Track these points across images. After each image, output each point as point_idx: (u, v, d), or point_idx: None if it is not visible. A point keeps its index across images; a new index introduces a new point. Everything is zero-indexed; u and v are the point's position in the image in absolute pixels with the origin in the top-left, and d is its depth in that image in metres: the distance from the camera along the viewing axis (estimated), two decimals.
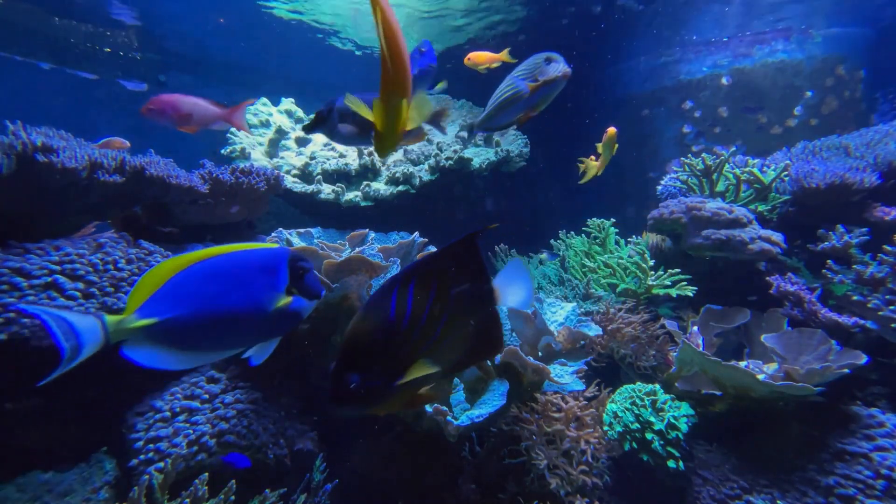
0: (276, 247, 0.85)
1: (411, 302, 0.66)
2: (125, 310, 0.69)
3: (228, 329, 0.80)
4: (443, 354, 0.69)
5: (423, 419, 1.34)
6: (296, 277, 0.84)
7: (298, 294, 0.84)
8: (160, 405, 1.42)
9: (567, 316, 1.53)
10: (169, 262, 0.74)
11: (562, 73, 1.21)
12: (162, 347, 0.74)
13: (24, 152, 1.38)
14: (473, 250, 0.73)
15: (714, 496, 1.55)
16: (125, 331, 0.69)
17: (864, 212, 2.09)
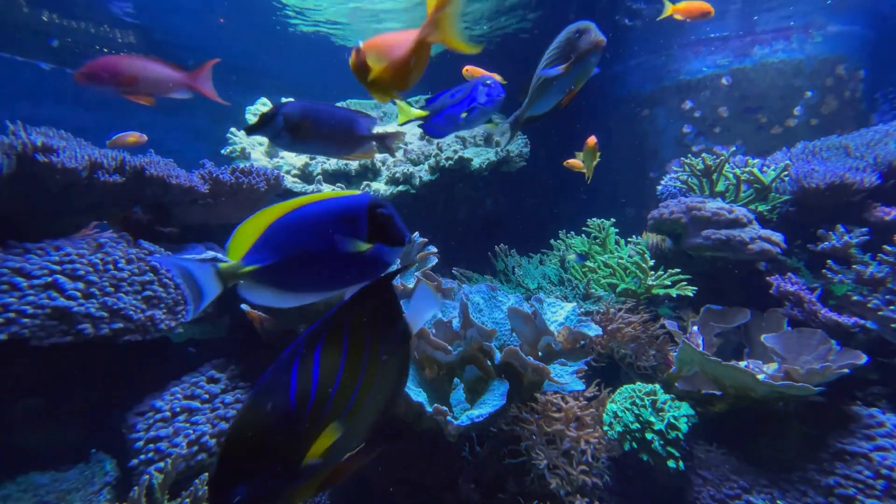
0: (358, 194, 0.84)
1: (317, 375, 0.58)
2: (231, 257, 0.78)
3: (318, 275, 0.84)
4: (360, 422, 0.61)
5: (423, 419, 1.34)
6: (376, 225, 0.82)
7: (380, 242, 0.83)
8: (160, 405, 1.42)
9: (567, 316, 1.53)
10: (265, 212, 0.79)
11: (594, 44, 1.14)
12: (267, 288, 0.82)
13: (24, 152, 1.38)
14: (390, 294, 0.68)
15: (714, 496, 1.55)
16: (235, 276, 0.78)
17: (864, 212, 2.09)
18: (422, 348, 1.35)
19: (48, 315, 1.25)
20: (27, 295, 1.24)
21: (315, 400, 0.56)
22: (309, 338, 0.60)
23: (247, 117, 3.03)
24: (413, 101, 3.78)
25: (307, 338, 0.60)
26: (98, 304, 1.33)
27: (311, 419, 0.56)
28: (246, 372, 1.59)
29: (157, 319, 1.44)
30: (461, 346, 1.37)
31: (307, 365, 0.58)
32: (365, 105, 3.70)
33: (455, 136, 3.10)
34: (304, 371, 0.57)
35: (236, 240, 0.78)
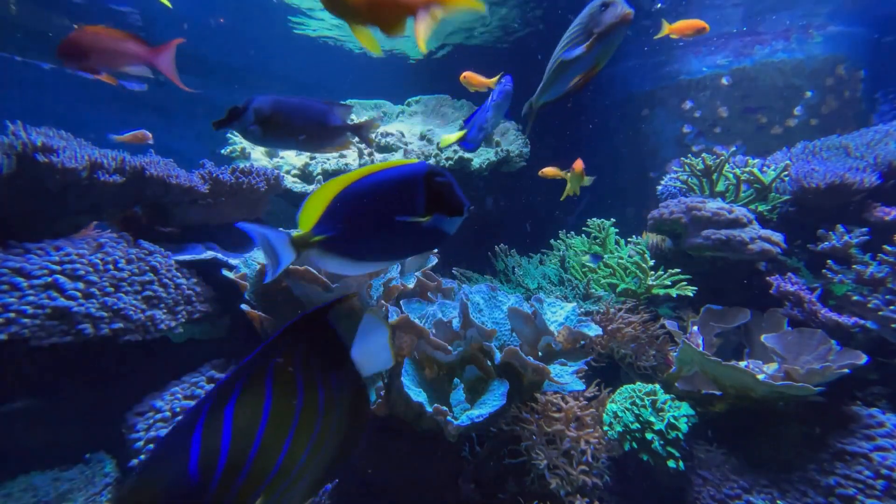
0: (415, 162, 0.84)
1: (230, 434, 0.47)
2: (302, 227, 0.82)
3: (380, 245, 0.85)
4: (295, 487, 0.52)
5: (423, 419, 1.34)
6: (433, 194, 0.82)
7: (438, 211, 0.82)
8: (160, 405, 1.42)
9: (567, 316, 1.53)
10: (330, 183, 0.82)
11: (620, 18, 1.06)
12: (334, 257, 0.84)
13: (25, 152, 1.38)
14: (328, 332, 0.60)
15: (714, 496, 1.55)
16: (305, 244, 0.81)
17: (864, 212, 2.09)
18: (422, 348, 1.35)
19: (48, 315, 1.25)
20: (27, 295, 1.24)
21: (226, 466, 0.46)
22: (219, 390, 0.49)
23: None
24: (413, 100, 3.79)
25: (217, 389, 0.49)
26: (98, 304, 1.33)
27: (221, 491, 0.45)
28: None
29: (157, 319, 1.44)
30: (461, 346, 1.37)
31: (215, 422, 0.47)
32: (365, 105, 3.70)
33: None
34: (211, 430, 0.46)
35: (306, 210, 0.81)
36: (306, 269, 1.42)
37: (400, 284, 1.65)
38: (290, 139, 1.21)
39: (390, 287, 1.61)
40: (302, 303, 1.55)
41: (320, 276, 1.44)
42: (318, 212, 0.81)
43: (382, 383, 1.51)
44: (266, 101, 1.14)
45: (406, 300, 1.57)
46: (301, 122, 1.19)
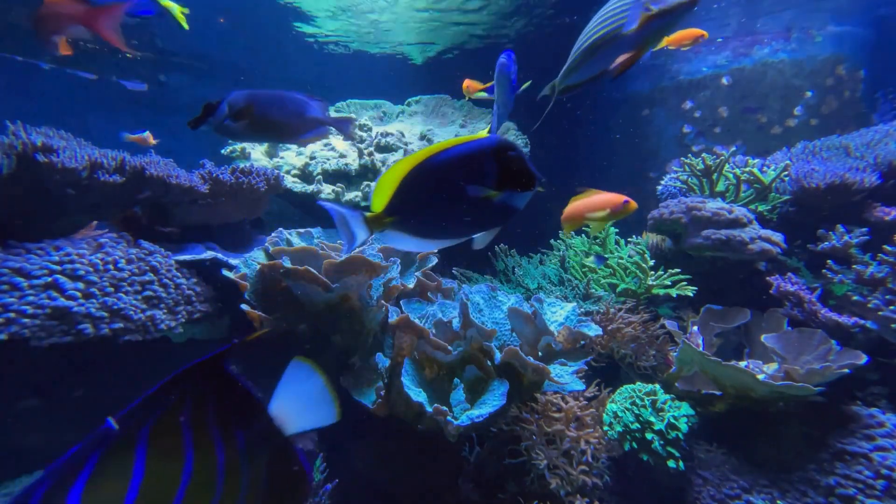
0: (485, 137, 0.82)
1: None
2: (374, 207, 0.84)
3: (451, 223, 0.85)
4: None
5: (423, 419, 1.34)
6: (504, 169, 0.80)
7: (509, 186, 0.81)
8: None
9: (567, 316, 1.53)
10: (401, 162, 0.82)
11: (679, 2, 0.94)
12: (406, 236, 0.85)
13: (25, 152, 1.38)
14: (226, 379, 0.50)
15: (714, 496, 1.55)
16: (378, 223, 0.82)
17: (864, 212, 2.09)
18: (422, 348, 1.35)
19: (48, 315, 1.25)
20: (27, 295, 1.24)
21: None
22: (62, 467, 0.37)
23: None
24: (413, 100, 3.79)
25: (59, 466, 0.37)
26: (98, 304, 1.33)
27: None
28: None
29: (157, 319, 1.44)
30: (461, 346, 1.37)
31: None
32: (365, 105, 3.70)
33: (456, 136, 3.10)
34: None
35: (378, 190, 0.82)
36: (306, 269, 1.42)
37: (400, 284, 1.65)
38: (267, 133, 1.20)
39: (390, 287, 1.61)
40: (302, 303, 1.55)
41: (320, 276, 1.44)
42: (390, 191, 0.82)
43: (382, 383, 1.51)
44: (241, 96, 1.13)
45: (406, 300, 1.57)
46: (278, 115, 1.18)
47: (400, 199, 0.82)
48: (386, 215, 0.82)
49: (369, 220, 0.82)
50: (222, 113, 1.11)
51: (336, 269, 1.47)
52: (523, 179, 0.81)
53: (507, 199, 0.82)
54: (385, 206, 0.82)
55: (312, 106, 1.22)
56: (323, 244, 1.64)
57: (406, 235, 0.85)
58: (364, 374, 1.59)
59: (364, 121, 3.22)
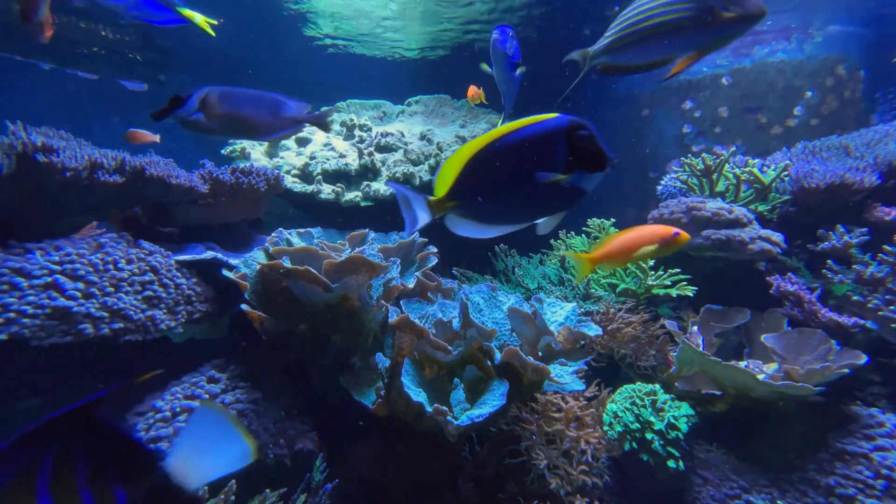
0: (555, 116, 0.78)
1: None
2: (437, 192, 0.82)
3: (515, 208, 0.84)
4: None
5: (423, 419, 1.34)
6: (575, 149, 0.76)
7: (579, 168, 0.77)
8: (160, 405, 1.42)
9: (567, 316, 1.53)
10: (465, 147, 0.80)
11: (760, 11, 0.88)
12: (468, 221, 0.85)
13: (25, 152, 1.38)
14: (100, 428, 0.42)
15: (714, 496, 1.55)
16: (440, 208, 0.82)
17: (864, 212, 2.09)
18: (422, 348, 1.35)
19: (48, 315, 1.25)
20: (27, 295, 1.24)
21: None
22: None
23: None
24: (413, 100, 3.79)
25: None
26: (98, 304, 1.33)
27: None
28: (246, 372, 1.59)
29: (157, 319, 1.44)
30: (461, 346, 1.37)
31: None
32: (365, 105, 3.70)
33: (455, 136, 3.10)
34: None
35: (442, 175, 0.81)
36: (306, 269, 1.42)
37: (400, 284, 1.65)
38: (239, 130, 1.18)
39: (390, 287, 1.61)
40: (302, 303, 1.55)
41: (320, 276, 1.44)
42: (453, 175, 0.80)
43: (382, 383, 1.51)
44: (214, 92, 1.11)
45: (406, 300, 1.56)
46: (251, 113, 1.16)
47: (463, 184, 0.80)
48: (448, 199, 0.81)
49: (432, 203, 0.82)
50: (191, 107, 1.08)
51: (336, 269, 1.47)
52: (594, 160, 0.77)
53: (577, 181, 0.78)
54: (447, 191, 0.81)
55: (289, 105, 1.20)
56: (323, 244, 1.64)
57: (467, 221, 0.84)
58: (364, 374, 1.59)
59: (364, 121, 3.22)
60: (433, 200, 0.82)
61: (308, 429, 1.57)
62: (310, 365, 1.63)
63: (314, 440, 1.55)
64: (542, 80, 3.19)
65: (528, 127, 0.77)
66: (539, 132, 0.77)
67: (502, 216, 0.85)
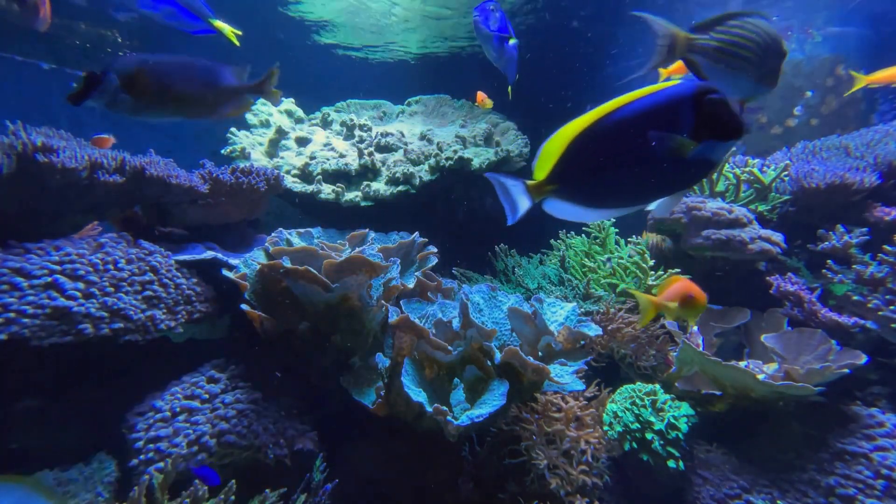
0: (678, 83, 0.72)
1: None
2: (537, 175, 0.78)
3: (628, 187, 0.77)
4: None
5: (423, 419, 1.34)
6: (704, 116, 0.69)
7: (711, 136, 0.69)
8: (160, 405, 1.42)
9: (567, 316, 1.53)
10: (567, 127, 0.75)
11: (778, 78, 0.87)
12: (571, 204, 0.79)
13: (25, 152, 1.38)
14: None
15: (714, 496, 1.55)
16: (540, 192, 0.78)
17: (864, 212, 2.09)
18: (422, 348, 1.35)
19: (48, 315, 1.25)
20: (27, 295, 1.24)
21: None
22: None
23: (247, 117, 3.02)
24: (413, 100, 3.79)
25: None
26: (98, 304, 1.33)
27: None
28: (246, 372, 1.59)
29: (157, 319, 1.44)
30: (461, 346, 1.37)
31: None
32: (365, 105, 3.70)
33: (455, 136, 3.10)
34: None
35: (543, 157, 0.77)
36: (306, 268, 1.42)
37: (400, 284, 1.65)
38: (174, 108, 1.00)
39: (390, 287, 1.61)
40: (302, 303, 1.55)
41: (320, 276, 1.44)
42: (554, 157, 0.76)
43: (382, 383, 1.51)
44: (131, 62, 0.94)
45: (406, 300, 1.57)
46: (182, 84, 1.00)
47: (565, 165, 0.75)
48: (549, 182, 0.77)
49: (531, 188, 0.78)
50: (111, 84, 0.92)
51: (336, 269, 1.47)
52: (728, 127, 0.69)
53: (705, 152, 0.70)
54: (548, 174, 0.77)
55: (226, 73, 1.06)
56: (323, 244, 1.64)
57: (570, 204, 0.79)
58: (364, 374, 1.59)
59: (364, 121, 3.22)
60: (532, 184, 0.77)
61: (308, 429, 1.57)
62: (310, 365, 1.63)
63: (314, 440, 1.55)
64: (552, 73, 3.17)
65: (647, 97, 0.71)
66: (662, 100, 0.71)
67: (614, 197, 0.78)
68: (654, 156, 0.70)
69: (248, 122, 3.01)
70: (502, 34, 1.62)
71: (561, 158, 0.75)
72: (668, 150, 0.69)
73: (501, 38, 1.61)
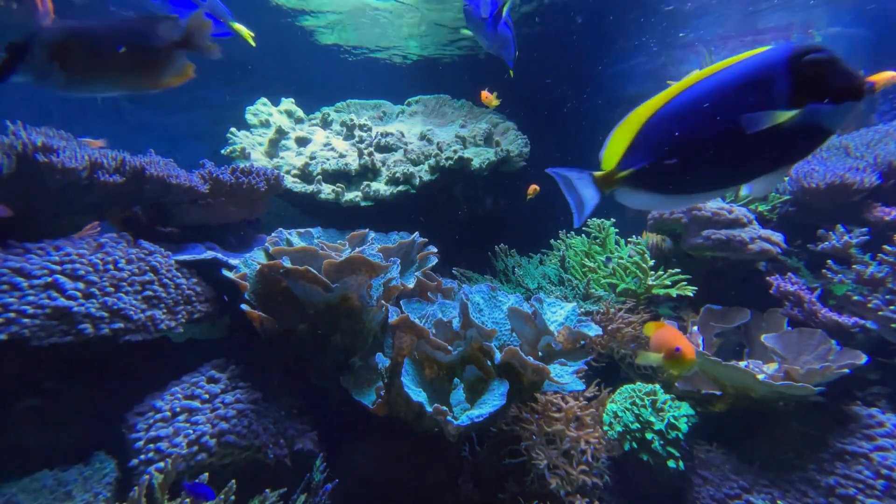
0: (770, 48, 0.65)
1: None
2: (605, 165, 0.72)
3: (716, 168, 0.69)
4: None
5: (423, 419, 1.34)
6: (806, 78, 0.61)
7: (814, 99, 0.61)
8: (160, 405, 1.42)
9: (567, 316, 1.53)
10: (639, 110, 0.69)
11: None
12: (647, 192, 0.72)
13: (25, 152, 1.38)
14: None
15: (714, 496, 1.55)
16: (609, 183, 0.71)
17: (864, 212, 2.09)
18: (422, 348, 1.35)
19: (48, 315, 1.25)
20: (27, 295, 1.24)
21: None
22: None
23: (247, 117, 3.02)
24: (413, 100, 3.79)
25: None
26: (98, 304, 1.33)
27: None
28: (246, 372, 1.59)
29: (157, 319, 1.44)
30: (461, 346, 1.37)
31: None
32: (365, 105, 3.70)
33: (455, 136, 3.10)
34: None
35: (611, 145, 0.71)
36: (306, 269, 1.42)
37: (400, 284, 1.65)
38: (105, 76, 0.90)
39: (390, 287, 1.61)
40: (302, 303, 1.55)
41: (320, 276, 1.44)
42: (625, 142, 0.70)
43: (382, 383, 1.51)
44: (58, 28, 0.84)
45: (406, 300, 1.56)
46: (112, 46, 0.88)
47: (640, 150, 0.68)
48: (620, 170, 0.70)
49: (598, 179, 0.71)
50: (38, 55, 0.81)
51: (336, 269, 1.47)
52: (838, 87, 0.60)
53: (811, 119, 0.61)
54: (619, 161, 0.70)
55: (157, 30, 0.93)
56: (323, 244, 1.64)
57: (647, 193, 0.72)
58: (364, 374, 1.59)
59: (364, 121, 3.22)
60: (600, 175, 0.71)
61: (308, 429, 1.57)
62: (310, 365, 1.63)
63: (314, 440, 1.55)
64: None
65: (732, 66, 0.64)
66: (749, 67, 0.63)
67: (700, 181, 0.70)
68: (745, 131, 0.62)
69: (248, 122, 3.01)
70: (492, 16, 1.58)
71: (634, 143, 0.69)
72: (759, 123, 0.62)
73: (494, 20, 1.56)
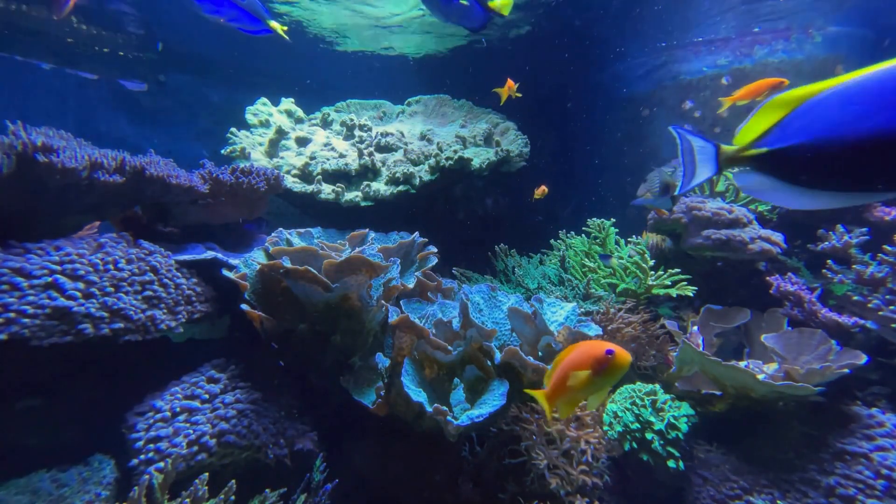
0: None
1: None
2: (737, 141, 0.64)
3: (869, 161, 0.57)
4: None
5: (423, 419, 1.34)
6: None
7: None
8: (160, 405, 1.42)
9: (567, 316, 1.53)
10: (803, 88, 0.60)
11: None
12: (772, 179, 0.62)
13: (25, 152, 1.38)
14: None
15: (714, 496, 1.55)
16: (733, 160, 0.64)
17: (864, 212, 2.09)
18: (422, 348, 1.35)
19: (48, 315, 1.25)
20: (27, 295, 1.24)
21: None
22: None
23: (247, 117, 3.03)
24: (413, 100, 3.78)
25: None
26: (98, 304, 1.33)
27: None
28: (246, 372, 1.59)
29: (157, 319, 1.44)
30: (461, 346, 1.37)
31: None
32: (365, 105, 3.70)
33: (455, 136, 3.10)
34: None
35: (754, 120, 0.62)
36: (306, 269, 1.42)
37: (400, 284, 1.64)
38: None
39: (390, 287, 1.61)
40: (302, 303, 1.55)
41: (320, 276, 1.44)
42: (772, 120, 0.60)
43: (382, 383, 1.51)
44: None
45: (406, 300, 1.56)
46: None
47: (785, 129, 0.57)
48: (755, 148, 0.60)
49: (724, 152, 0.63)
50: None
51: (336, 269, 1.47)
52: None
53: None
54: (755, 138, 0.60)
55: None
56: (323, 244, 1.64)
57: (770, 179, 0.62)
58: (364, 374, 1.59)
59: (364, 121, 3.22)
60: (728, 150, 0.62)
61: (308, 429, 1.57)
62: (310, 365, 1.63)
63: (314, 440, 1.55)
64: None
65: None
66: None
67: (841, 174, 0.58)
68: None
69: (248, 122, 3.01)
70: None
71: (784, 121, 0.57)
72: None
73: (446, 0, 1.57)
